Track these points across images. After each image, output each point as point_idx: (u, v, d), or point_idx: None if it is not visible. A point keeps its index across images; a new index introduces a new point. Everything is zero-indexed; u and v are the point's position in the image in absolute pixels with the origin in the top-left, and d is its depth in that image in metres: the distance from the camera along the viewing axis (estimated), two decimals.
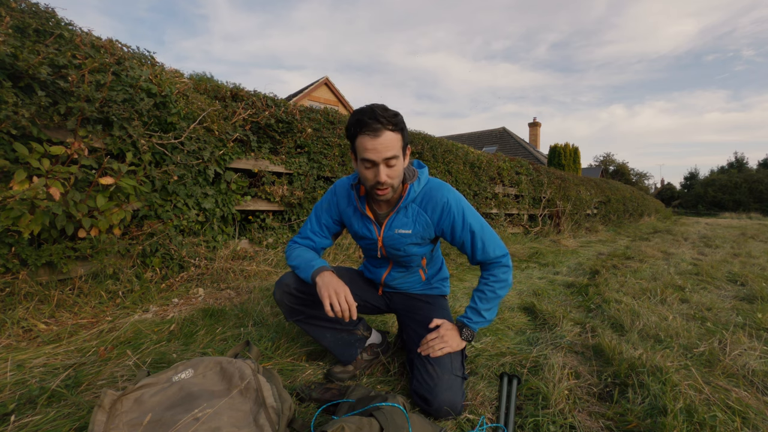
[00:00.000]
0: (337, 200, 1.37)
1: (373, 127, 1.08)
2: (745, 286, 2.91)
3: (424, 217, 1.27)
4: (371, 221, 1.31)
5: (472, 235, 1.27)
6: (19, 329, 1.55)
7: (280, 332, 1.66)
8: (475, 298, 1.31)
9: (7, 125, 1.60)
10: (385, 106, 1.12)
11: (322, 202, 1.40)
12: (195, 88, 2.65)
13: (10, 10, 1.70)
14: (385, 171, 1.12)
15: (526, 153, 20.51)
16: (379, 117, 1.08)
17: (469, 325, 1.29)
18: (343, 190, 1.36)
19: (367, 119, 1.08)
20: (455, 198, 1.28)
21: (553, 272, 3.48)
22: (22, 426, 0.98)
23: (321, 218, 1.39)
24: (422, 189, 1.28)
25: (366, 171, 1.15)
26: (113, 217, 1.93)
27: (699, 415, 1.10)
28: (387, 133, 1.09)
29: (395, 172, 1.15)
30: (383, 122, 1.08)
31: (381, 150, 1.09)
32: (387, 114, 1.09)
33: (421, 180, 1.27)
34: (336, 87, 17.68)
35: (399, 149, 1.13)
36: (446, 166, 4.73)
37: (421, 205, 1.28)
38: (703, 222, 13.37)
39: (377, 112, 1.08)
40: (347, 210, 1.36)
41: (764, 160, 32.10)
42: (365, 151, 1.10)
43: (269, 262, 2.78)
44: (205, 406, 0.90)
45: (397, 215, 1.28)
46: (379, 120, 1.08)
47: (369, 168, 1.13)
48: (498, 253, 1.29)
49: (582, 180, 8.90)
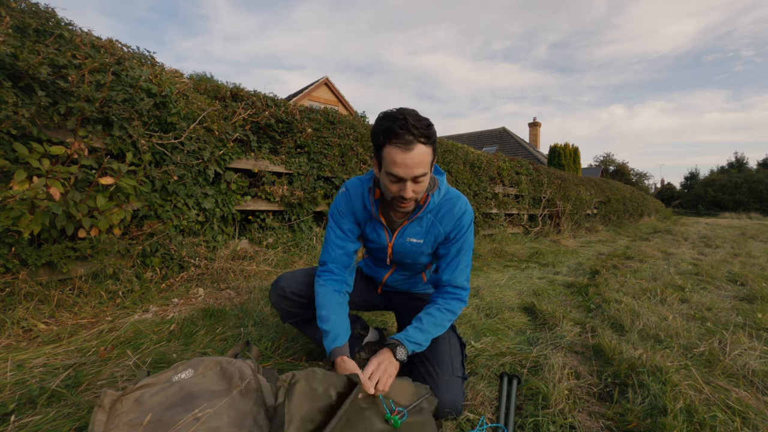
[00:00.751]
0: (352, 203, 1.29)
1: (405, 138, 0.98)
2: (745, 286, 2.91)
3: (437, 228, 1.24)
4: (383, 227, 1.27)
5: (458, 252, 1.24)
6: (19, 329, 1.55)
7: (280, 332, 1.66)
8: (423, 319, 1.18)
9: (7, 125, 1.60)
10: (417, 113, 1.02)
11: (339, 207, 1.30)
12: (195, 88, 2.65)
13: (10, 10, 1.70)
14: (412, 187, 1.05)
15: (526, 153, 20.52)
16: (412, 128, 0.98)
17: (405, 344, 1.13)
18: (357, 192, 1.28)
19: (399, 129, 0.98)
20: (469, 213, 1.25)
21: (553, 272, 3.48)
22: (22, 426, 0.98)
23: (343, 224, 1.29)
24: (441, 199, 1.22)
25: (391, 184, 1.08)
26: (113, 217, 1.93)
27: (699, 415, 1.10)
28: (419, 146, 1.00)
29: (421, 188, 1.08)
30: (416, 134, 0.98)
31: (411, 166, 1.01)
32: (420, 125, 1.00)
33: (441, 189, 1.21)
34: (336, 87, 17.69)
35: (428, 165, 1.05)
36: (446, 166, 4.73)
37: (437, 216, 1.23)
38: (703, 222, 13.37)
39: (410, 122, 0.98)
40: (362, 213, 1.29)
41: (764, 160, 32.10)
42: (393, 165, 1.01)
43: (269, 262, 2.78)
44: (205, 406, 0.90)
45: (411, 224, 1.24)
46: (412, 132, 0.98)
47: (394, 182, 1.06)
48: (464, 283, 1.25)
49: (582, 180, 8.90)
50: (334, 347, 1.12)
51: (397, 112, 1.02)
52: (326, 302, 1.20)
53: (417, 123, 0.99)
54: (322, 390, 0.89)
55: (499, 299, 2.41)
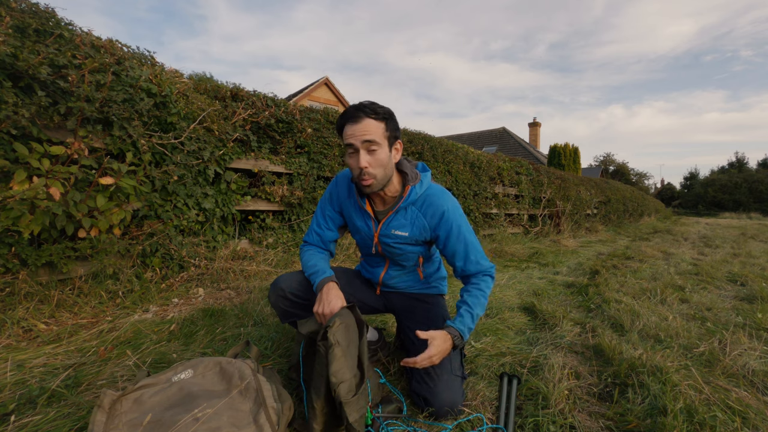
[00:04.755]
0: (338, 191, 1.38)
1: (354, 114, 1.13)
2: (745, 286, 2.91)
3: (422, 221, 1.28)
4: (370, 217, 1.32)
5: (465, 246, 1.28)
6: (19, 329, 1.55)
7: (280, 332, 1.66)
8: (468, 302, 1.23)
9: (7, 125, 1.60)
10: (373, 101, 1.17)
11: (326, 194, 1.42)
12: (195, 88, 2.65)
13: (10, 10, 1.70)
14: (366, 158, 1.13)
15: (526, 153, 20.51)
16: (362, 107, 1.13)
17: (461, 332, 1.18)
18: (344, 181, 1.37)
19: (351, 110, 1.14)
20: (453, 207, 1.29)
21: (553, 272, 3.48)
22: (22, 426, 0.98)
23: (325, 210, 1.41)
24: (423, 193, 1.28)
25: (350, 159, 1.17)
26: (113, 217, 1.93)
27: (699, 415, 1.10)
28: (367, 119, 1.13)
29: (376, 161, 1.15)
30: (366, 111, 1.13)
31: (358, 134, 1.12)
32: (372, 105, 1.14)
33: (423, 183, 1.28)
34: (336, 87, 17.68)
35: (381, 137, 1.14)
36: (446, 166, 4.73)
37: (421, 209, 1.28)
38: (703, 222, 13.37)
39: (362, 104, 1.14)
40: (347, 202, 1.37)
41: (764, 160, 32.09)
42: (346, 137, 1.15)
43: (269, 262, 2.78)
44: (204, 406, 0.90)
45: (396, 215, 1.29)
46: (362, 109, 1.13)
47: (351, 155, 1.16)
48: (488, 264, 1.31)
49: (582, 180, 8.89)
50: (322, 278, 1.24)
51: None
52: (310, 257, 1.34)
53: (368, 105, 1.14)
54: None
55: (499, 299, 2.41)
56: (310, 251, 1.38)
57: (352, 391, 0.96)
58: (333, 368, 0.96)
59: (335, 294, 1.19)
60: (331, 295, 1.18)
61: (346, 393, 0.95)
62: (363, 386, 1.00)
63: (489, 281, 1.30)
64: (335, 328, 1.01)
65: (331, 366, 0.96)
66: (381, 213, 1.32)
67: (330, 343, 0.98)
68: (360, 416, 0.96)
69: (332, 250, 1.44)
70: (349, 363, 1.00)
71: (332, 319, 1.03)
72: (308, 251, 1.38)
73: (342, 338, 1.01)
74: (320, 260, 1.33)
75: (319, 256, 1.36)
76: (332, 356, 0.97)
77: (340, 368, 0.96)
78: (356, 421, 0.94)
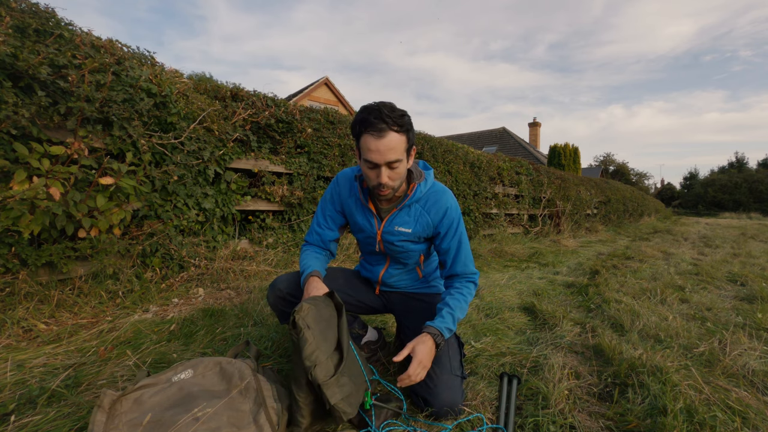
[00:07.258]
0: (340, 190, 1.38)
1: (377, 127, 1.06)
2: (745, 286, 2.91)
3: (426, 218, 1.29)
4: (373, 214, 1.32)
5: (458, 245, 1.30)
6: (19, 329, 1.55)
7: (280, 332, 1.66)
8: (450, 304, 1.21)
9: (7, 125, 1.60)
10: (392, 105, 1.11)
11: (326, 194, 1.41)
12: (195, 88, 2.65)
13: (10, 10, 1.70)
14: (387, 173, 1.12)
15: (526, 153, 20.51)
16: (385, 117, 1.06)
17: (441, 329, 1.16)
18: (346, 181, 1.37)
19: (373, 119, 1.06)
20: (455, 206, 1.32)
21: (553, 272, 3.48)
22: (22, 426, 0.98)
23: (326, 210, 1.40)
24: (428, 190, 1.29)
25: (368, 171, 1.15)
26: (113, 217, 1.93)
27: (699, 415, 1.10)
28: (391, 134, 1.07)
29: (397, 175, 1.15)
30: (388, 122, 1.06)
31: (384, 152, 1.08)
32: (393, 114, 1.07)
33: (427, 181, 1.29)
34: (336, 87, 17.68)
35: (403, 152, 1.12)
36: (446, 166, 4.73)
37: (425, 206, 1.29)
38: (703, 222, 13.37)
39: (383, 112, 1.06)
40: (349, 200, 1.36)
41: (764, 160, 32.08)
42: (368, 151, 1.09)
43: (269, 262, 2.78)
44: (204, 406, 0.90)
45: (400, 212, 1.29)
46: (385, 120, 1.06)
47: (371, 169, 1.13)
48: (474, 269, 1.33)
49: (582, 180, 8.89)
50: (306, 275, 1.24)
51: (373, 104, 1.10)
52: (305, 257, 1.34)
53: (390, 113, 1.07)
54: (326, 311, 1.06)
55: (499, 299, 2.41)
56: (307, 251, 1.38)
57: (330, 373, 0.95)
58: (306, 352, 0.94)
59: (314, 286, 1.19)
60: (311, 288, 1.18)
61: (323, 375, 0.93)
62: (343, 366, 0.97)
63: (471, 288, 1.31)
64: (303, 312, 0.99)
65: (304, 351, 0.94)
66: (384, 210, 1.32)
67: (299, 327, 0.96)
68: (344, 397, 0.94)
69: (333, 250, 1.44)
70: (324, 346, 0.98)
71: (299, 305, 1.01)
72: (305, 251, 1.39)
73: (312, 321, 0.99)
74: (312, 259, 1.33)
75: (313, 255, 1.36)
76: (303, 340, 0.95)
77: (313, 351, 0.95)
78: (340, 401, 0.92)
